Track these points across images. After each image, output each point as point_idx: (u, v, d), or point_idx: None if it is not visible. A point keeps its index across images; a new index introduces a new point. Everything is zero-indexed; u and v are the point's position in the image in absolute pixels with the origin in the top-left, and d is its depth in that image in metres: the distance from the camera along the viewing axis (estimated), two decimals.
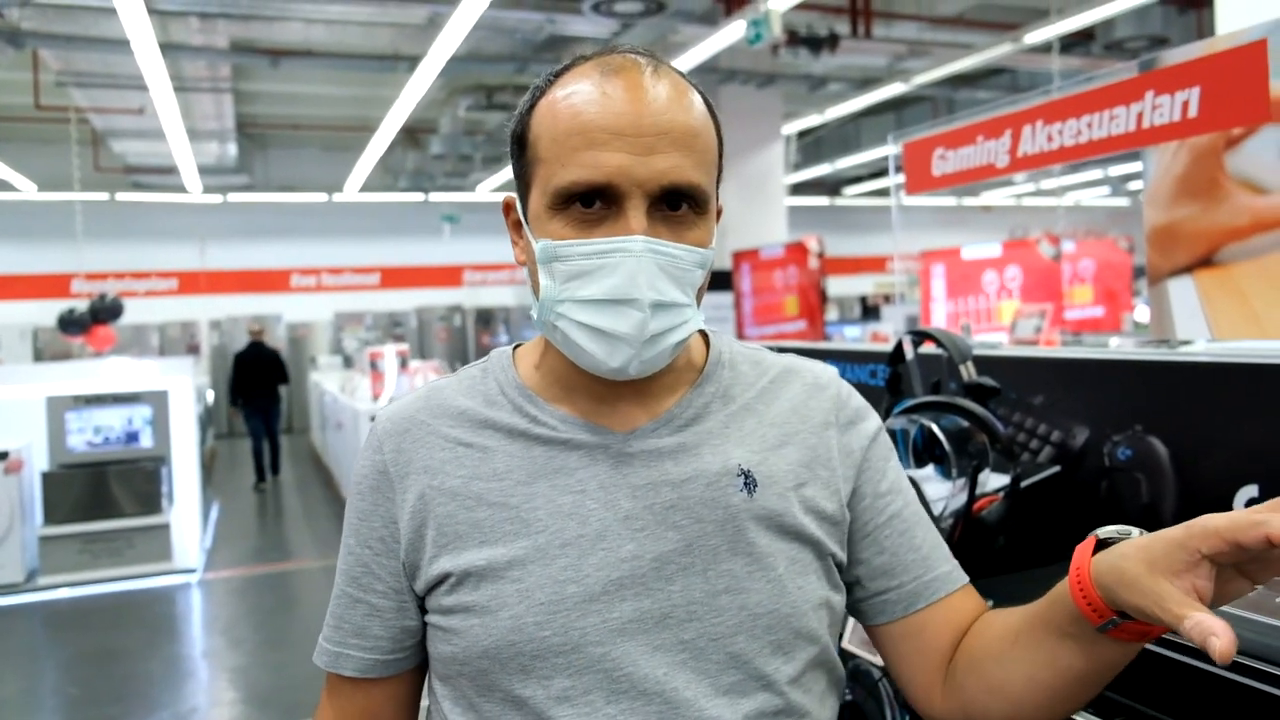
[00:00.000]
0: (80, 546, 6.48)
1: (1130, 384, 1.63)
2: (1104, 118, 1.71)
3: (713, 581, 0.93)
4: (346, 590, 1.01)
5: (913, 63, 9.80)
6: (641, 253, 0.87)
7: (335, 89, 12.65)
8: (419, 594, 0.98)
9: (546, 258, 0.90)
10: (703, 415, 0.99)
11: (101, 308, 9.95)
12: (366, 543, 0.99)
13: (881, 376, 2.24)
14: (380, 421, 1.03)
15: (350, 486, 1.03)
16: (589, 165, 0.87)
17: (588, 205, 0.89)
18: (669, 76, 0.93)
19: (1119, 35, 9.17)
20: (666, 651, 0.91)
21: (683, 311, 0.91)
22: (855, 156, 15.04)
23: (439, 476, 0.96)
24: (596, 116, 0.88)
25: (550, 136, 0.90)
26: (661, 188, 0.88)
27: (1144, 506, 1.60)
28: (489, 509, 0.94)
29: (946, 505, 1.49)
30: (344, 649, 1.00)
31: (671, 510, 0.93)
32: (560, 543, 0.92)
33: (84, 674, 5.00)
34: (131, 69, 8.02)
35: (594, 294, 0.88)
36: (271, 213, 16.33)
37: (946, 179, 2.15)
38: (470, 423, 0.99)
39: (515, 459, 0.96)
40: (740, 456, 0.97)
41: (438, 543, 0.95)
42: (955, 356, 1.60)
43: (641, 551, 0.92)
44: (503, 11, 7.54)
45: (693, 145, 0.90)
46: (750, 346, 1.10)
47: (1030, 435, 1.80)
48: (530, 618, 0.90)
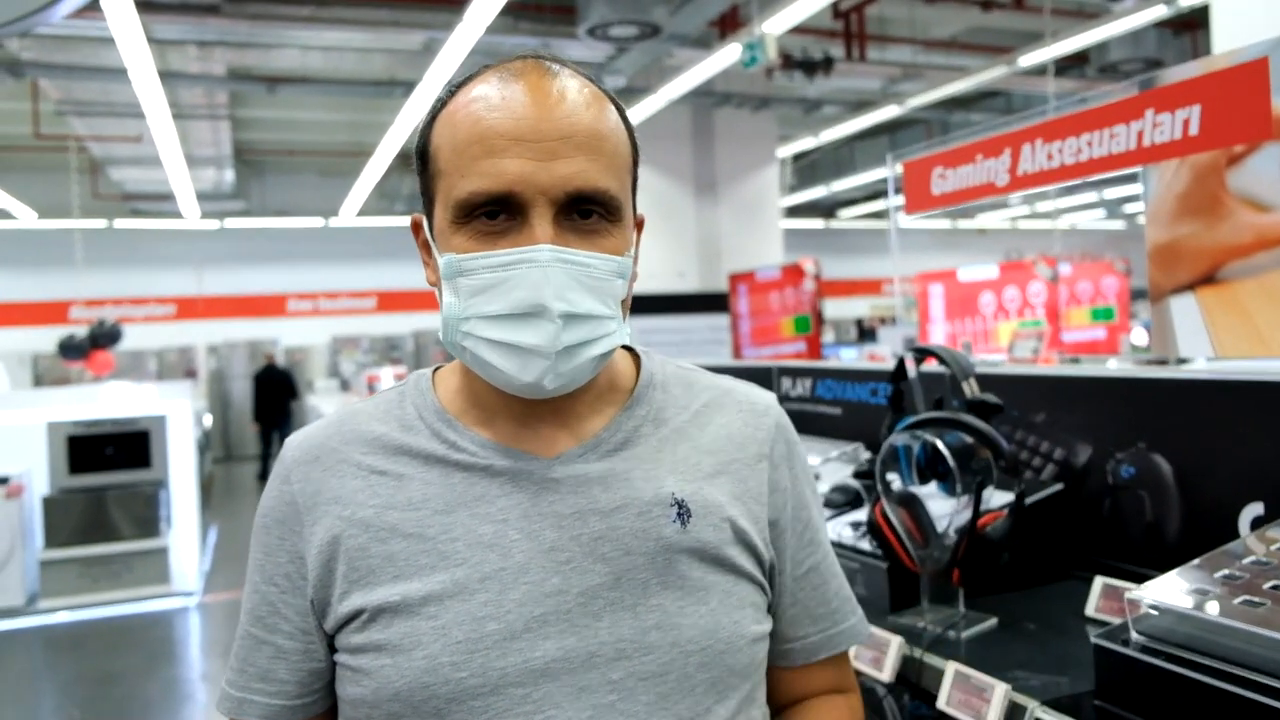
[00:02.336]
0: (80, 570, 6.45)
1: (1133, 402, 1.63)
2: (1104, 136, 1.72)
3: (642, 617, 0.87)
4: (251, 631, 0.93)
5: (907, 85, 9.87)
6: (549, 262, 0.81)
7: (331, 115, 12.72)
8: (328, 633, 0.90)
9: (450, 273, 0.85)
10: (633, 439, 0.93)
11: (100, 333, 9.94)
12: (271, 580, 0.92)
13: (882, 394, 2.25)
14: (289, 449, 0.95)
15: (255, 520, 0.96)
16: (489, 174, 0.82)
17: (492, 217, 0.83)
18: (574, 79, 0.88)
19: (1113, 58, 9.25)
20: (592, 693, 0.84)
21: (603, 324, 0.85)
22: (850, 179, 15.12)
23: (350, 507, 0.89)
24: (496, 122, 0.83)
25: (450, 147, 0.85)
26: (567, 194, 0.83)
27: (1148, 524, 1.59)
28: (404, 541, 0.87)
29: (950, 521, 1.49)
30: (248, 694, 0.92)
31: (599, 541, 0.88)
32: (480, 576, 0.85)
33: (84, 696, 4.96)
34: (130, 97, 8.05)
35: (501, 308, 0.82)
36: (268, 238, 16.35)
37: (946, 198, 2.16)
38: (385, 449, 0.92)
39: (432, 487, 0.89)
40: (674, 485, 0.91)
41: (348, 578, 0.88)
42: (958, 373, 1.59)
43: (567, 586, 0.86)
44: (498, 37, 7.58)
45: (599, 148, 0.85)
46: (684, 366, 1.04)
47: (1033, 453, 1.80)
48: (446, 658, 0.83)
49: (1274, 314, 1.60)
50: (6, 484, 6.24)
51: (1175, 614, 1.08)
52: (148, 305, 16.03)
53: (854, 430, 2.32)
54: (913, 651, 1.41)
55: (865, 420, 2.29)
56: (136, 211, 14.83)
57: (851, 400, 2.36)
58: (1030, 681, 1.25)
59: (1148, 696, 1.08)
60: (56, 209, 13.55)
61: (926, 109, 11.20)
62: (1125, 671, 1.10)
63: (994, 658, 1.34)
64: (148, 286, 16.03)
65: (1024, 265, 6.69)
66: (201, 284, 16.17)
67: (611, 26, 7.33)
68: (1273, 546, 1.19)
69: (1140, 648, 1.09)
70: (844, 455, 2.19)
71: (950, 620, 1.48)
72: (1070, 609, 1.51)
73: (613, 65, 8.72)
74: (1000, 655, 1.36)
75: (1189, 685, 1.03)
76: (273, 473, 0.96)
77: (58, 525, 6.44)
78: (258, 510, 0.95)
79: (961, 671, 1.29)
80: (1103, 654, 1.14)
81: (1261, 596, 1.05)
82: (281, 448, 0.97)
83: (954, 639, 1.44)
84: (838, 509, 1.90)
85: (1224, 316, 1.67)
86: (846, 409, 2.38)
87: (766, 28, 6.96)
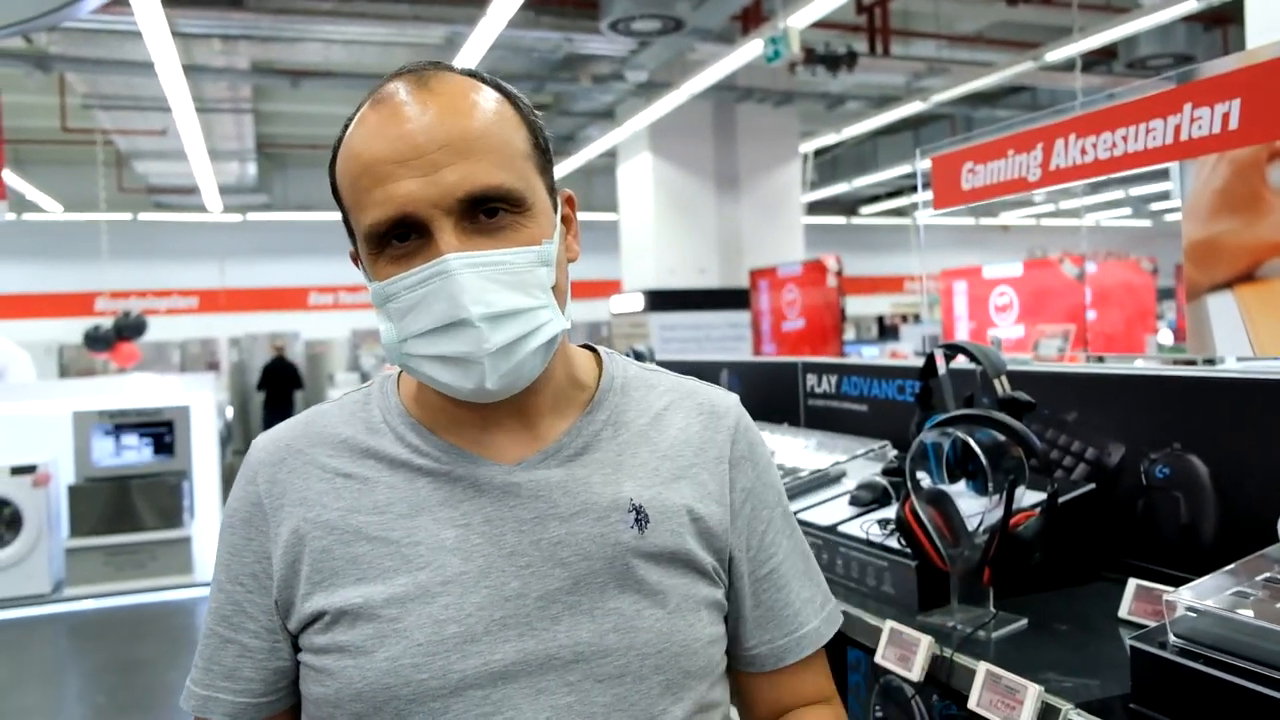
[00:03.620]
0: (104, 559, 6.52)
1: (1168, 401, 1.60)
2: (1140, 131, 1.69)
3: (600, 620, 0.89)
4: (216, 630, 0.95)
5: (931, 81, 9.79)
6: (458, 270, 0.82)
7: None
8: (292, 633, 0.92)
9: (380, 300, 0.87)
10: (593, 444, 0.95)
11: (126, 324, 10.03)
12: (238, 579, 0.93)
13: (909, 391, 2.23)
14: (255, 450, 0.97)
15: (221, 519, 0.98)
16: (380, 202, 0.84)
17: (402, 239, 0.85)
18: (446, 82, 0.88)
19: (1142, 53, 9.13)
20: (550, 695, 0.87)
21: (534, 315, 0.86)
22: (872, 175, 15.03)
23: (315, 509, 0.91)
24: (377, 150, 0.84)
25: (348, 184, 0.88)
26: (459, 201, 0.83)
27: (1183, 526, 1.57)
28: (368, 544, 0.89)
29: (981, 520, 1.47)
30: (213, 692, 0.94)
31: (559, 546, 0.90)
32: (442, 580, 0.87)
33: (108, 683, 5.02)
34: (155, 91, 8.12)
35: (427, 323, 0.84)
36: (290, 231, 16.45)
37: (976, 193, 2.14)
38: (351, 452, 0.94)
39: (397, 491, 0.91)
40: (632, 490, 0.93)
41: (312, 579, 0.89)
42: (989, 370, 1.57)
43: (526, 590, 0.88)
44: (520, 31, 7.58)
45: (484, 147, 0.85)
46: (646, 367, 1.06)
47: (1064, 452, 1.78)
48: (408, 659, 0.85)
49: None
50: (34, 472, 6.31)
51: (1214, 617, 1.06)
52: (171, 297, 16.17)
53: (880, 428, 2.30)
54: (942, 651, 1.39)
55: (892, 417, 2.27)
56: (160, 205, 14.95)
57: (878, 397, 2.34)
58: (1063, 683, 1.23)
59: (1185, 700, 1.06)
60: (82, 202, 13.69)
61: (951, 104, 11.11)
62: (1162, 674, 1.09)
63: (1025, 659, 1.33)
64: (171, 279, 16.16)
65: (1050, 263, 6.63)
66: (224, 277, 16.29)
67: (634, 20, 7.31)
68: None
69: (1178, 650, 1.08)
70: (871, 453, 2.17)
71: (980, 620, 1.47)
72: (1102, 610, 1.49)
73: (635, 60, 8.71)
74: (1031, 656, 1.34)
75: (1228, 689, 1.01)
76: (240, 473, 0.97)
77: (83, 514, 6.50)
78: (224, 510, 0.97)
79: (993, 672, 1.28)
80: (1139, 656, 1.12)
81: None
82: (251, 445, 0.98)
83: (984, 639, 1.42)
84: (865, 506, 1.89)
85: (1263, 315, 1.64)
86: (873, 406, 2.36)
87: (790, 22, 6.92)
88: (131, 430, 6.68)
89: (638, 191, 11.00)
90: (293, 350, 15.88)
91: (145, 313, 10.62)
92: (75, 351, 13.66)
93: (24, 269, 15.32)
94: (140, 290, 15.55)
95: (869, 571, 1.68)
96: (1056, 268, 6.44)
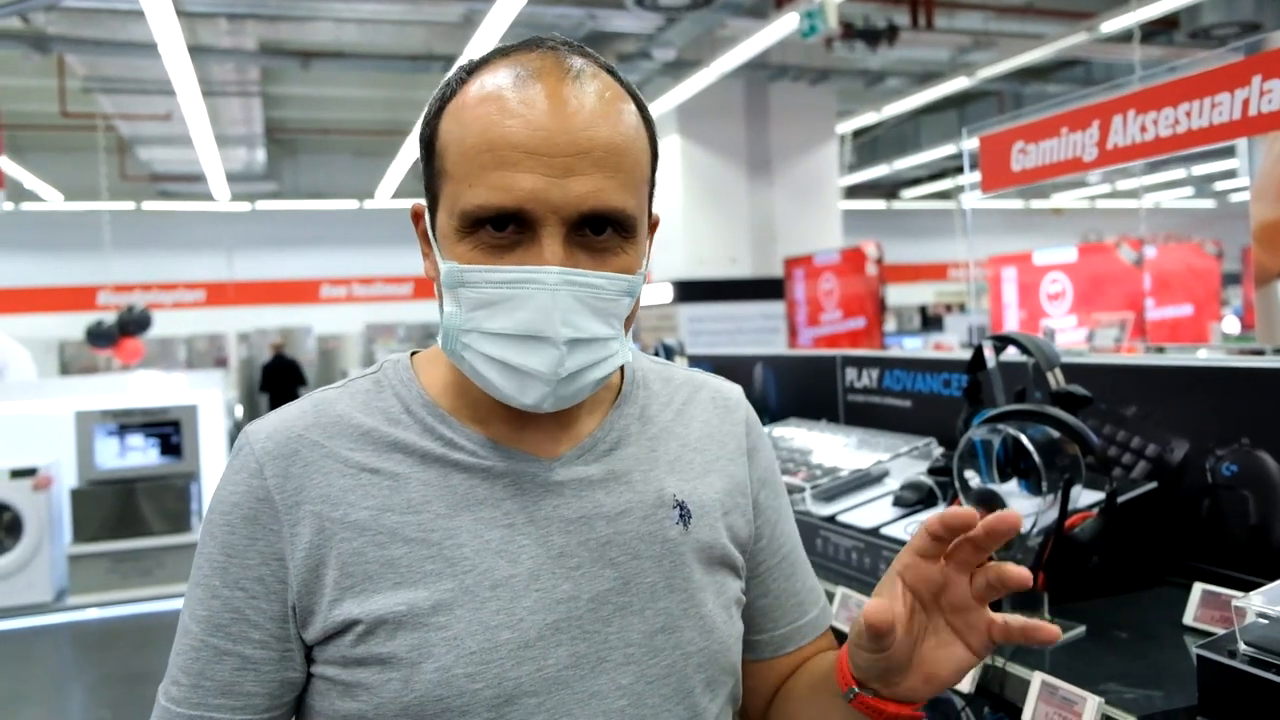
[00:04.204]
0: (109, 565, 6.59)
1: (1235, 394, 1.59)
2: (1204, 106, 1.67)
3: (649, 621, 0.91)
4: (210, 641, 0.88)
5: (977, 55, 9.71)
6: (557, 285, 0.82)
7: (367, 91, 12.85)
8: (309, 642, 0.88)
9: (452, 282, 0.85)
10: (625, 439, 0.97)
11: (130, 319, 10.12)
12: (237, 584, 0.87)
13: (956, 386, 2.22)
14: (256, 440, 0.91)
15: (209, 517, 0.92)
16: (498, 188, 0.81)
17: (499, 229, 0.83)
18: (596, 79, 0.86)
19: (1205, 22, 9.00)
20: (603, 699, 0.88)
21: (606, 345, 0.87)
22: (914, 157, 14.94)
23: (341, 507, 0.87)
24: (509, 131, 0.82)
25: (458, 150, 0.84)
26: (580, 214, 0.82)
27: (1252, 527, 1.56)
28: (405, 545, 0.87)
29: (1035, 522, 1.46)
30: (205, 711, 0.87)
31: (607, 546, 0.91)
32: (490, 584, 0.86)
33: (114, 696, 5.08)
34: (159, 73, 8.21)
35: (503, 327, 0.83)
36: (301, 221, 16.59)
37: (1027, 174, 2.13)
38: (375, 444, 0.91)
39: (432, 488, 0.89)
40: (673, 485, 0.96)
41: (340, 584, 0.86)
42: (1042, 363, 1.57)
43: (578, 592, 0.88)
44: (541, 7, 7.61)
45: (618, 165, 0.84)
46: (657, 362, 1.08)
47: (1123, 449, 1.77)
48: (460, 669, 0.84)
49: None
50: (34, 475, 6.38)
51: None
52: (177, 291, 16.37)
53: (925, 424, 2.30)
54: (994, 661, 1.39)
55: (937, 413, 2.27)
56: (165, 193, 15.13)
57: (922, 392, 2.33)
58: (1125, 695, 1.22)
59: (1256, 713, 1.06)
60: (83, 191, 13.88)
61: (998, 80, 11.02)
62: (1232, 685, 1.08)
63: (1083, 668, 1.32)
64: (177, 271, 16.36)
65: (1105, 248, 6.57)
66: (232, 269, 16.46)
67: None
68: None
69: (1248, 660, 1.07)
70: (915, 451, 2.17)
71: None
72: (1165, 617, 1.48)
73: (662, 37, 8.70)
74: (1090, 666, 1.33)
75: None
76: (234, 465, 0.91)
77: (86, 518, 6.58)
78: (213, 507, 0.91)
79: (1049, 683, 1.27)
80: (1207, 666, 1.11)
81: None
82: (242, 437, 0.92)
83: (1039, 648, 1.42)
84: (909, 507, 1.88)
85: None
86: (917, 401, 2.35)
87: None
88: (137, 430, 6.76)
89: (665, 176, 10.96)
90: (304, 345, 16.03)
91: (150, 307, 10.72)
92: (77, 348, 13.85)
93: (23, 261, 15.56)
94: (145, 283, 15.75)
95: None
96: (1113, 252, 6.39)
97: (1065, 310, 6.46)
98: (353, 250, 17.12)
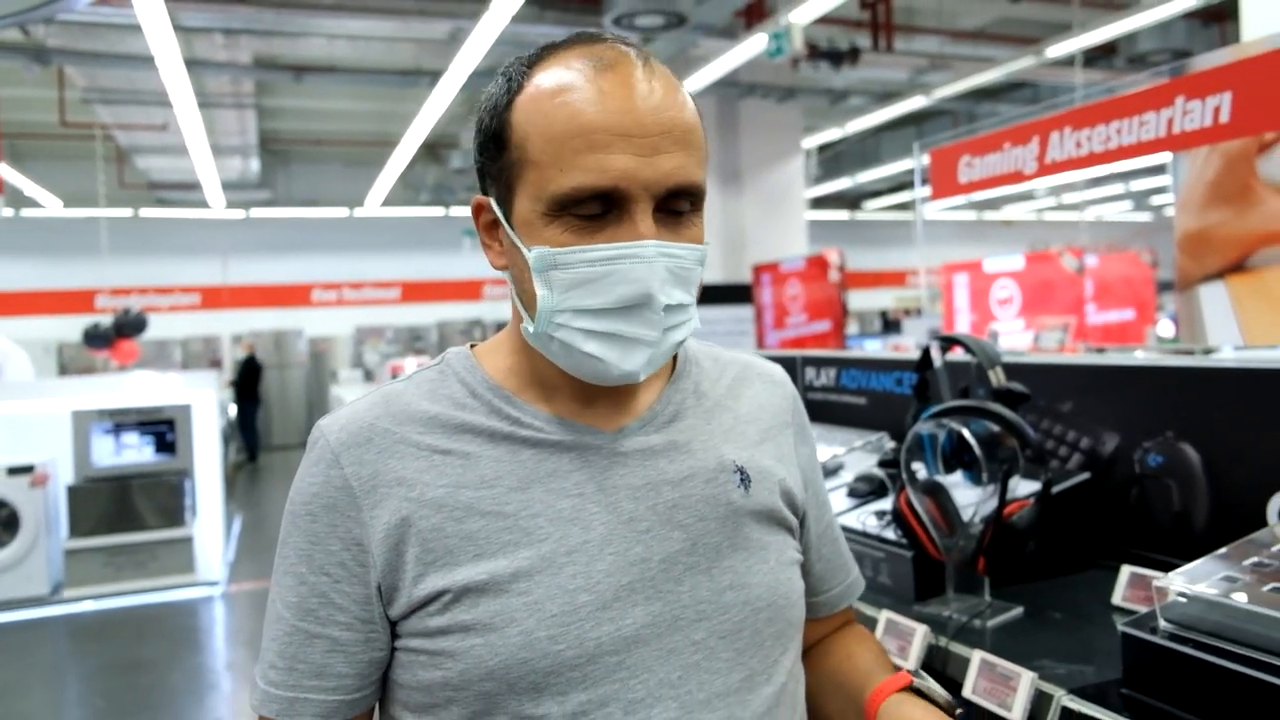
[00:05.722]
0: (105, 559, 6.52)
1: (1161, 391, 1.62)
2: (1133, 124, 1.71)
3: (717, 579, 0.93)
4: (300, 625, 0.89)
5: (934, 76, 9.80)
6: (654, 257, 0.84)
7: (357, 104, 12.79)
8: (393, 619, 0.89)
9: (544, 266, 0.85)
10: (682, 412, 0.98)
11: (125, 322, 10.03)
12: (322, 569, 0.88)
13: (907, 384, 2.25)
14: (330, 432, 0.91)
15: (290, 508, 0.92)
16: (594, 169, 0.82)
17: (588, 210, 0.84)
18: (661, 70, 0.89)
19: (1142, 49, 9.16)
20: (679, 655, 0.89)
21: (686, 311, 0.90)
22: (875, 170, 15.05)
23: (418, 488, 0.88)
24: (597, 117, 0.83)
25: (545, 138, 0.85)
26: (668, 189, 0.85)
27: (1176, 514, 1.59)
28: (482, 519, 0.87)
29: (976, 510, 1.49)
30: (300, 693, 0.88)
31: (675, 510, 0.92)
32: (566, 550, 0.87)
33: (109, 685, 5.03)
34: (156, 85, 8.14)
35: (602, 302, 0.84)
36: (293, 228, 16.48)
37: (973, 185, 2.16)
38: (443, 428, 0.91)
39: (503, 464, 0.90)
40: (732, 453, 0.98)
41: (423, 560, 0.86)
42: (984, 362, 1.59)
43: (649, 554, 0.90)
44: (524, 26, 7.60)
45: (694, 142, 0.87)
46: (703, 344, 1.10)
47: (1059, 442, 1.80)
48: (543, 631, 0.85)
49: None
50: (32, 472, 6.32)
51: (1203, 601, 1.08)
52: (173, 294, 16.20)
53: (879, 420, 2.32)
54: (938, 640, 1.41)
55: (890, 410, 2.29)
56: (162, 200, 14.98)
57: (876, 390, 2.36)
58: (1057, 670, 1.25)
59: (1176, 684, 1.08)
60: (82, 197, 13.72)
61: (953, 100, 11.12)
62: (1153, 659, 1.11)
63: (1020, 646, 1.35)
64: (173, 276, 16.19)
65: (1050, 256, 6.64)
66: (226, 273, 16.32)
67: (637, 16, 7.32)
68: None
69: (1168, 635, 1.10)
70: (868, 445, 2.19)
71: (976, 609, 1.49)
72: (1097, 598, 1.51)
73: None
74: (1026, 644, 1.36)
75: (1217, 672, 1.03)
76: (311, 458, 0.92)
77: (82, 514, 6.51)
78: (294, 498, 0.91)
79: (987, 660, 1.30)
80: (1130, 642, 1.14)
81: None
82: (317, 432, 0.93)
83: (980, 628, 1.44)
84: (862, 498, 1.90)
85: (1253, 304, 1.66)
86: (871, 398, 2.38)
87: (793, 17, 6.93)
88: (132, 429, 6.70)
89: None
90: (296, 347, 16.01)
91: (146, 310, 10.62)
92: (75, 350, 13.69)
93: (22, 265, 15.35)
94: (141, 287, 15.58)
95: (866, 562, 1.70)
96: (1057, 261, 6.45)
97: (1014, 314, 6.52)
98: (343, 256, 17.02)
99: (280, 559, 0.92)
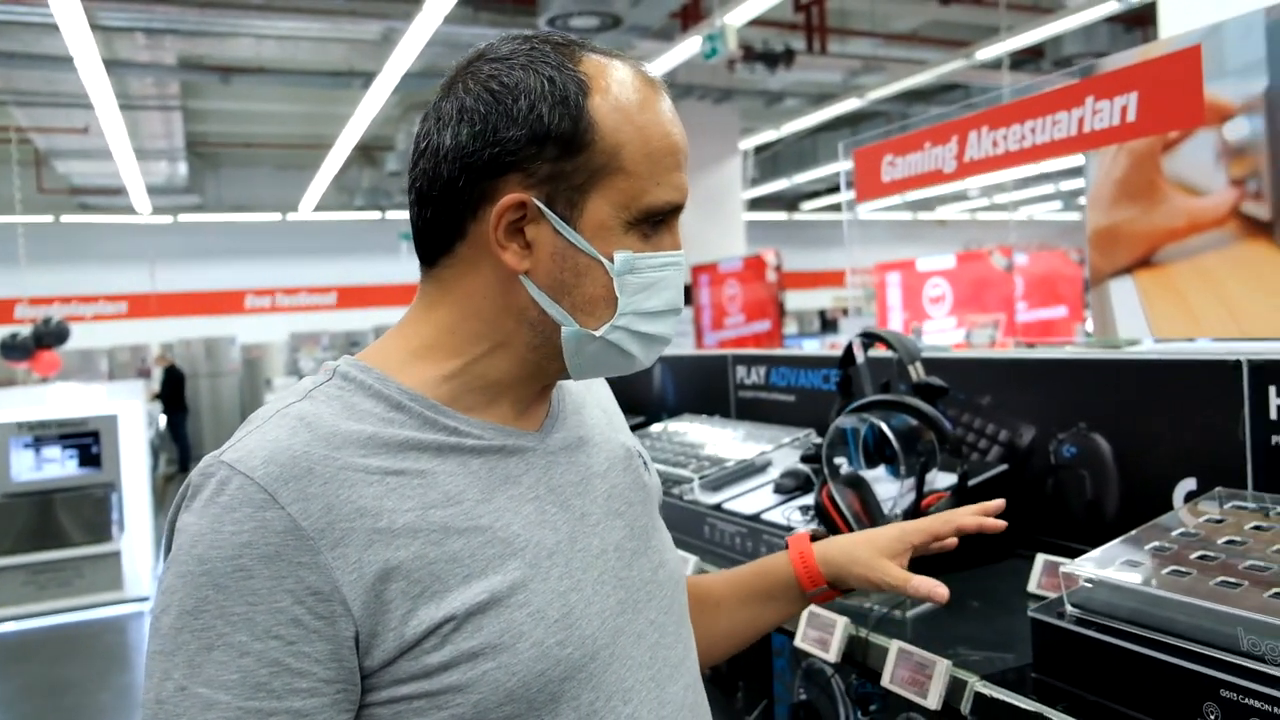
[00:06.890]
0: (26, 578, 6.33)
1: (1074, 383, 1.67)
2: (1047, 123, 1.76)
3: (652, 559, 0.99)
4: (248, 706, 0.73)
5: (867, 78, 9.96)
6: (684, 265, 0.93)
7: (288, 106, 12.58)
8: (371, 670, 0.78)
9: (625, 269, 0.88)
10: (568, 407, 1.01)
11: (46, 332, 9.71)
12: (271, 633, 0.74)
13: (834, 381, 2.28)
14: (249, 469, 0.77)
15: (203, 568, 0.75)
16: (678, 187, 0.90)
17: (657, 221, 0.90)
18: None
19: (1067, 52, 9.42)
20: (645, 637, 0.94)
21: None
22: (812, 171, 15.23)
23: (384, 516, 0.79)
24: (678, 139, 0.91)
25: (643, 151, 0.87)
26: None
27: (1088, 502, 1.64)
28: (461, 537, 0.82)
29: (895, 504, 1.52)
30: None
31: (610, 499, 0.97)
32: (546, 553, 0.87)
33: (32, 708, 4.88)
34: (75, 87, 7.91)
35: (658, 305, 0.91)
36: (224, 233, 16.15)
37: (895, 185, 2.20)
38: (385, 447, 0.83)
39: (459, 477, 0.85)
40: (623, 438, 1.06)
41: (410, 594, 0.78)
42: (904, 357, 1.62)
43: (605, 545, 0.94)
44: (457, 27, 7.55)
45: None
46: None
47: (979, 435, 1.84)
48: (551, 638, 0.83)
49: (1206, 295, 1.65)
50: None
51: (1107, 586, 1.11)
52: (98, 303, 15.78)
53: (808, 417, 2.35)
54: (859, 631, 1.44)
55: (819, 407, 2.32)
56: (85, 206, 14.57)
57: (805, 387, 2.39)
58: (971, 657, 1.28)
59: (1083, 667, 1.11)
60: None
61: (887, 102, 11.30)
62: (1061, 643, 1.14)
63: (938, 636, 1.37)
64: (98, 284, 15.77)
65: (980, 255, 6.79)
66: (155, 281, 15.93)
67: (572, 17, 7.33)
68: (1202, 519, 1.23)
69: (1074, 620, 1.13)
70: (796, 441, 2.22)
71: (896, 600, 1.51)
72: (1014, 586, 1.54)
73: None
74: (945, 633, 1.39)
75: (1121, 654, 1.06)
76: (222, 503, 0.77)
77: (2, 532, 6.31)
78: (206, 555, 0.75)
79: (905, 649, 1.32)
80: (1039, 627, 1.17)
81: (1188, 566, 1.09)
82: (219, 471, 0.79)
83: (900, 618, 1.47)
84: (788, 494, 1.93)
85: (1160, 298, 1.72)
86: (800, 395, 2.41)
87: (727, 19, 6.99)
88: (54, 442, 6.51)
89: None
90: (229, 355, 15.68)
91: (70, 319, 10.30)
92: None
93: None
94: (64, 296, 15.15)
95: None
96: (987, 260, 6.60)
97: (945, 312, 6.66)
98: (276, 261, 16.74)
99: (196, 636, 0.74)
